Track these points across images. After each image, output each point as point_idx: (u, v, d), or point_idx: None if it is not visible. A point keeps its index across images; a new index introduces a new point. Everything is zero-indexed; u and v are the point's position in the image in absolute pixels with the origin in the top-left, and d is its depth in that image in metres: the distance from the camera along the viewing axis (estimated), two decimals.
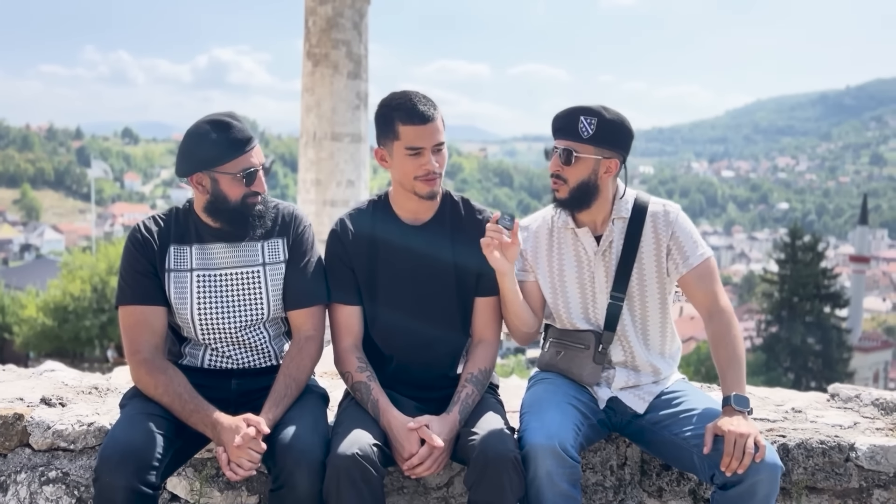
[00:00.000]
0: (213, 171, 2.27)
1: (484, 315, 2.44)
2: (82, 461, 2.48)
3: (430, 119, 2.25)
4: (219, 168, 2.27)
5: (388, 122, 2.29)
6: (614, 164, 2.37)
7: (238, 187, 2.28)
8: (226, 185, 2.28)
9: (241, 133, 2.28)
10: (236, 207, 2.30)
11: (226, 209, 2.30)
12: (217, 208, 2.31)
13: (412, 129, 2.25)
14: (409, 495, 2.54)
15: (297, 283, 2.39)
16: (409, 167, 2.28)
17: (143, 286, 2.31)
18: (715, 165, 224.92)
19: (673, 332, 2.53)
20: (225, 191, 2.29)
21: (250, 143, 2.29)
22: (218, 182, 2.28)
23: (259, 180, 2.32)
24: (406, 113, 2.25)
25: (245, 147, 2.28)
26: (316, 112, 16.92)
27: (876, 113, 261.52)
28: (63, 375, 3.09)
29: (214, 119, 2.28)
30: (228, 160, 2.26)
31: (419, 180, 2.29)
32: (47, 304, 22.98)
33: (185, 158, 2.30)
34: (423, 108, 2.25)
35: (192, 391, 2.22)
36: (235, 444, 2.10)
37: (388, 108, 2.29)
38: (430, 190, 2.31)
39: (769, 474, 2.09)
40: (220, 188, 2.29)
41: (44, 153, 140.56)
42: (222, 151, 2.25)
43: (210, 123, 2.27)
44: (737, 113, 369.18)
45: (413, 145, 2.26)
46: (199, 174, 2.29)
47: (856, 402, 2.94)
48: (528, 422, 2.23)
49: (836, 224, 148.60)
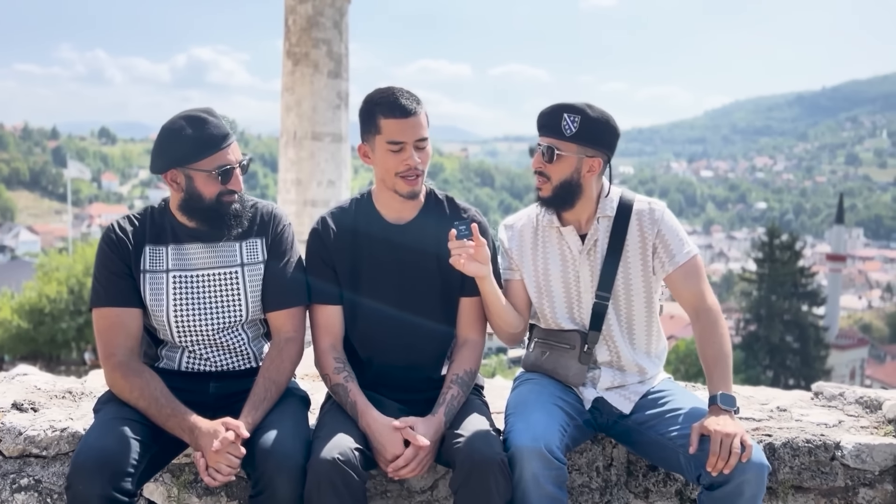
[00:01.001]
0: (188, 168, 2.21)
1: (469, 315, 2.41)
2: (55, 468, 2.41)
3: (412, 113, 2.21)
4: (194, 165, 2.21)
5: (371, 116, 2.25)
6: (597, 163, 2.34)
7: (213, 185, 2.22)
8: (201, 182, 2.22)
9: (216, 129, 2.22)
10: (211, 206, 2.24)
11: (200, 208, 2.24)
12: (192, 207, 2.25)
13: (394, 122, 2.21)
14: (393, 499, 2.50)
15: (276, 284, 2.33)
16: (391, 163, 2.24)
17: (117, 288, 2.25)
18: (694, 165, 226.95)
19: (659, 331, 2.51)
20: (200, 188, 2.23)
21: (227, 140, 2.23)
22: (193, 179, 2.22)
23: (235, 178, 2.25)
24: (388, 107, 2.21)
25: (221, 144, 2.22)
26: (296, 111, 16.82)
27: (851, 113, 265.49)
28: (36, 379, 3.01)
29: (190, 115, 2.22)
30: (203, 157, 2.20)
31: (400, 177, 2.25)
32: (22, 307, 22.62)
33: (160, 155, 2.24)
34: (405, 101, 2.21)
35: (169, 395, 2.16)
36: (214, 448, 2.05)
37: (371, 102, 2.25)
38: (410, 189, 2.27)
39: (756, 474, 2.07)
40: (194, 186, 2.23)
41: (19, 153, 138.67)
42: (197, 148, 2.19)
43: (185, 119, 2.21)
44: (715, 113, 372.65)
45: (394, 139, 2.21)
46: (173, 171, 2.24)
47: (840, 401, 2.95)
48: (514, 423, 2.19)
49: (812, 223, 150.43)
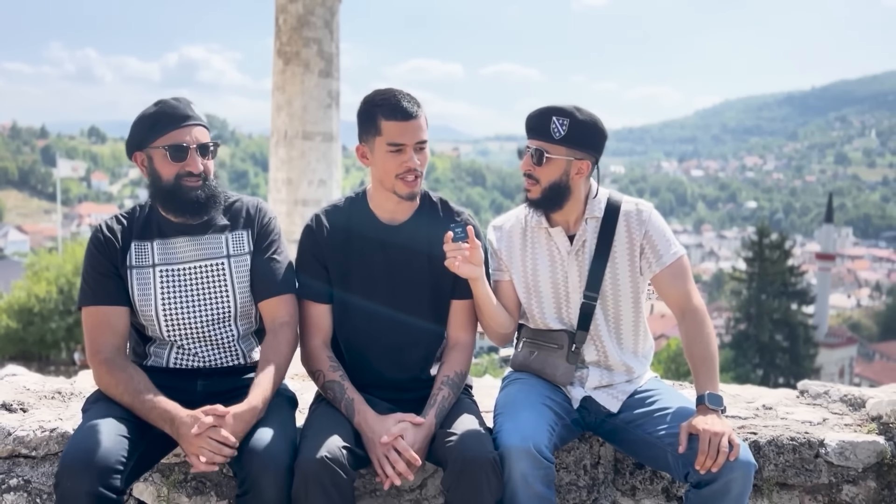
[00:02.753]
0: (148, 148, 2.25)
1: (460, 318, 2.42)
2: (45, 468, 2.41)
3: (413, 116, 2.23)
4: (152, 144, 2.24)
5: (371, 117, 2.26)
6: (586, 166, 2.36)
7: (168, 165, 2.23)
8: (158, 162, 2.25)
9: (174, 110, 2.24)
10: (170, 188, 2.24)
11: (161, 189, 2.26)
12: (155, 190, 2.27)
13: (395, 124, 2.22)
14: (382, 498, 2.51)
15: (265, 273, 2.33)
16: (391, 164, 2.25)
17: (104, 287, 2.26)
18: (684, 165, 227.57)
19: (646, 330, 2.53)
20: (158, 169, 2.25)
21: (186, 120, 2.24)
22: (152, 160, 2.26)
23: (192, 159, 2.23)
24: (389, 108, 2.23)
25: (177, 123, 2.23)
26: (287, 111, 16.78)
27: (840, 113, 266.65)
28: (25, 380, 3.01)
29: (159, 99, 2.26)
30: (158, 135, 2.23)
31: (399, 179, 2.26)
32: (11, 306, 22.45)
33: (129, 139, 2.28)
34: (406, 104, 2.23)
35: (153, 388, 2.16)
36: (193, 432, 2.04)
37: (371, 103, 2.27)
38: (409, 191, 2.28)
39: (743, 472, 2.09)
40: (154, 167, 2.26)
41: (7, 152, 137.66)
42: (151, 125, 2.23)
43: (153, 104, 2.26)
44: (706, 113, 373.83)
45: (395, 141, 2.23)
46: (138, 153, 2.27)
47: (825, 399, 2.98)
48: (502, 423, 2.21)
49: (802, 222, 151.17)
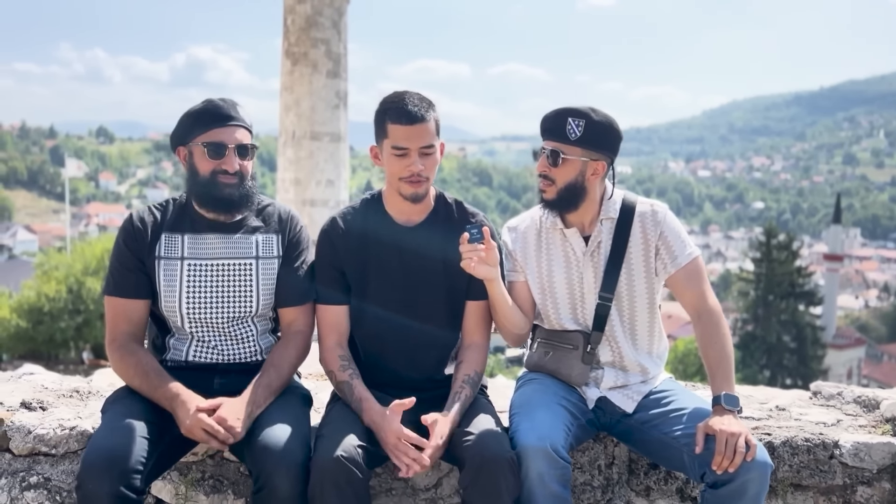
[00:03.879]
0: (189, 144, 2.33)
1: (475, 318, 2.44)
2: (64, 466, 2.43)
3: (418, 120, 2.24)
4: (193, 140, 2.32)
5: (380, 120, 2.30)
6: (601, 167, 2.38)
7: (206, 161, 2.31)
8: (197, 157, 2.33)
9: (218, 109, 2.32)
10: (205, 182, 2.32)
11: (197, 184, 2.33)
12: (193, 184, 2.35)
13: (399, 128, 2.25)
14: (398, 497, 2.52)
15: (290, 282, 2.40)
16: (396, 167, 2.28)
17: (126, 280, 2.34)
18: (691, 165, 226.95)
19: (661, 331, 2.54)
20: (196, 164, 2.33)
21: (228, 120, 2.32)
22: (192, 155, 2.34)
23: (229, 158, 2.31)
24: (395, 112, 2.26)
25: (223, 121, 2.31)
26: (295, 111, 16.82)
27: (849, 113, 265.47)
28: (43, 379, 3.04)
29: (207, 98, 2.36)
30: (200, 132, 2.31)
31: (404, 181, 2.29)
32: (21, 306, 22.55)
33: (173, 133, 2.37)
34: (412, 108, 2.25)
35: (160, 370, 2.26)
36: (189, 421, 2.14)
37: (382, 106, 2.31)
38: (413, 192, 2.31)
39: (760, 473, 2.10)
40: (193, 161, 2.34)
41: (16, 152, 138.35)
42: (195, 121, 2.32)
43: (202, 102, 2.35)
44: (713, 113, 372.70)
45: (399, 145, 2.26)
46: (181, 148, 2.36)
47: (838, 400, 2.98)
48: (519, 423, 2.22)
49: (810, 223, 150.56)
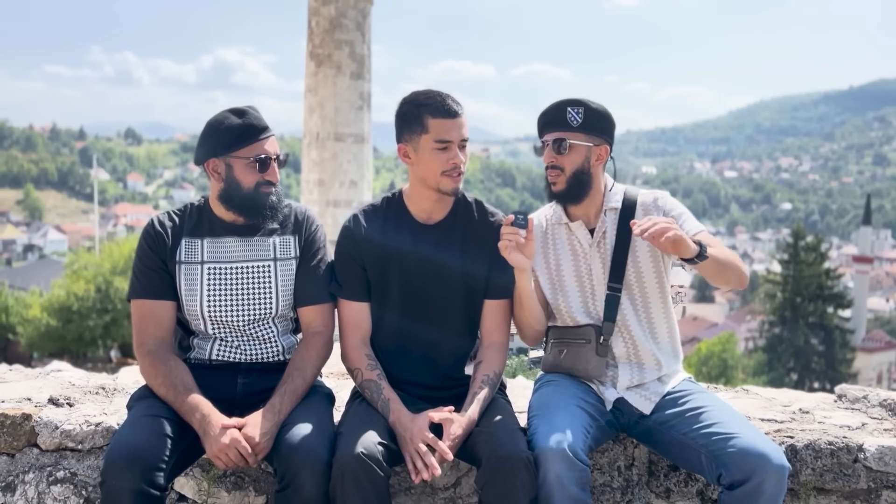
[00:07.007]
0: (228, 156, 2.32)
1: (494, 318, 2.45)
2: (90, 461, 2.48)
3: (458, 114, 2.32)
4: (233, 153, 2.32)
5: (415, 117, 2.32)
6: (605, 151, 2.44)
7: (251, 174, 2.33)
8: (239, 170, 2.33)
9: (256, 121, 2.33)
10: (249, 195, 2.33)
11: (239, 196, 2.33)
12: (231, 195, 2.34)
13: (442, 122, 2.30)
14: (417, 495, 2.54)
15: (308, 281, 2.42)
16: (437, 162, 2.32)
17: (151, 281, 2.35)
18: (718, 166, 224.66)
19: (674, 323, 2.54)
20: (238, 177, 2.33)
21: (266, 132, 2.35)
22: (232, 168, 2.33)
23: (272, 169, 2.35)
24: (436, 107, 2.30)
25: (260, 134, 2.33)
26: (319, 113, 16.94)
27: (879, 113, 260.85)
28: (70, 376, 3.10)
29: (233, 108, 2.35)
30: (243, 145, 2.31)
31: (446, 175, 2.33)
32: (51, 305, 22.98)
33: (202, 144, 2.35)
34: (451, 103, 2.32)
35: (191, 383, 2.23)
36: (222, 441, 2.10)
37: (415, 104, 2.33)
38: (454, 186, 2.35)
39: (776, 474, 2.08)
40: (233, 174, 2.33)
41: (47, 154, 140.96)
42: (237, 136, 2.31)
43: (229, 111, 2.34)
44: (740, 113, 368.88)
45: (442, 138, 2.30)
46: (214, 160, 2.34)
47: (863, 403, 2.94)
48: (537, 425, 2.22)
49: (839, 224, 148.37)
